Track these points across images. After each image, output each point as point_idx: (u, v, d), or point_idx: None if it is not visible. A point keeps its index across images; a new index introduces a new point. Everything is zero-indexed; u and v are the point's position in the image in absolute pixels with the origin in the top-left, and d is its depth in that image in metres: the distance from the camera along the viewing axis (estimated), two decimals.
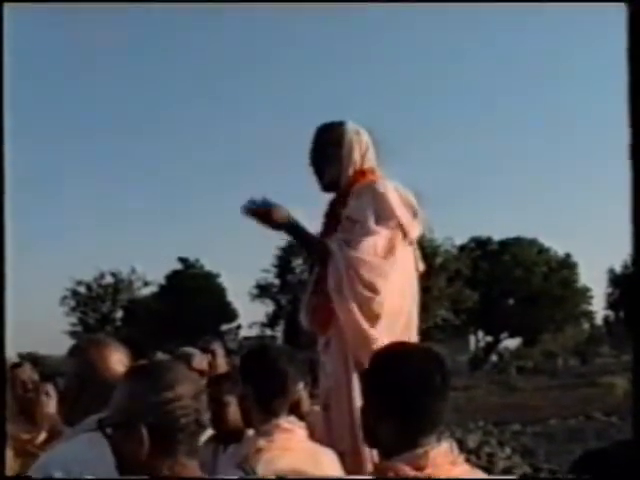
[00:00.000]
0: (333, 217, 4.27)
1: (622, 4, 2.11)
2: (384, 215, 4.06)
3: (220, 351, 5.89)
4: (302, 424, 3.27)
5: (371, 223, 4.03)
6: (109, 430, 2.22)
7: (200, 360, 5.60)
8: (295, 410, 3.48)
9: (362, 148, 4.28)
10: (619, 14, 2.08)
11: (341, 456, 3.47)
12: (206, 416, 2.31)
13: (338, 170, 4.25)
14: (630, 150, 1.94)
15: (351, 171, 4.25)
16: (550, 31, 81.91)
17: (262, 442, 3.09)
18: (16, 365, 4.34)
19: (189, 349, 5.75)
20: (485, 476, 2.72)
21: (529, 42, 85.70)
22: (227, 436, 4.01)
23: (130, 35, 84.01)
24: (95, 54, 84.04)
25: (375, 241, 4.02)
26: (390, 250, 4.05)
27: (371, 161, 4.31)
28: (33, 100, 75.14)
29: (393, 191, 4.13)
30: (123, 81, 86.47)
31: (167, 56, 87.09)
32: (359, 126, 4.35)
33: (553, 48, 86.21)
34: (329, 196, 4.36)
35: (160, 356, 5.79)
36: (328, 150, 4.25)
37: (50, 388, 4.23)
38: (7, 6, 2.50)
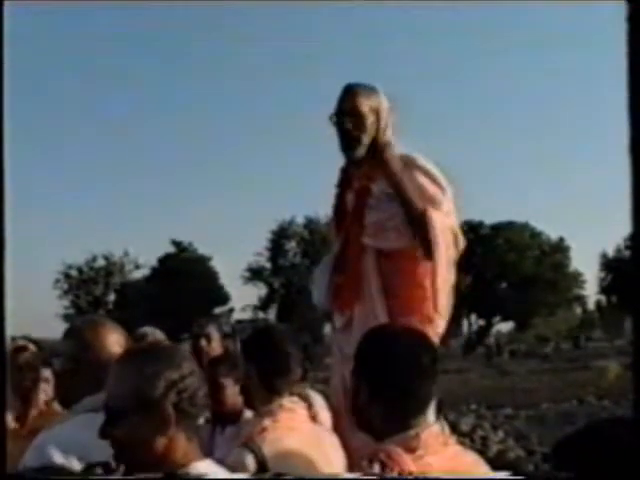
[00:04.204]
0: (354, 189, 4.16)
1: (622, 2, 2.10)
2: (440, 196, 4.00)
3: (215, 334, 5.85)
4: (304, 404, 3.28)
5: (436, 211, 3.95)
6: (117, 416, 2.17)
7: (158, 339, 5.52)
8: None
9: (391, 120, 4.13)
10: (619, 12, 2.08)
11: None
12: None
13: (373, 141, 4.06)
14: (630, 140, 1.94)
15: (381, 143, 4.08)
16: (551, 28, 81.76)
17: (267, 422, 3.09)
18: (18, 349, 4.30)
19: (147, 328, 5.69)
20: (477, 457, 2.72)
21: (533, 35, 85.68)
22: (224, 418, 4.02)
23: (130, 30, 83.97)
24: (95, 49, 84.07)
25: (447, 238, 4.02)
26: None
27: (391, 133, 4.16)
28: (33, 93, 74.99)
29: (437, 171, 4.05)
30: (123, 74, 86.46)
31: (166, 52, 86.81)
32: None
33: (553, 43, 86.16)
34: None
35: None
36: (369, 118, 4.03)
37: (48, 372, 4.21)
38: (7, 4, 2.48)
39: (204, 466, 2.20)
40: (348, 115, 4.02)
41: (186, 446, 2.17)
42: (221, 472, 2.29)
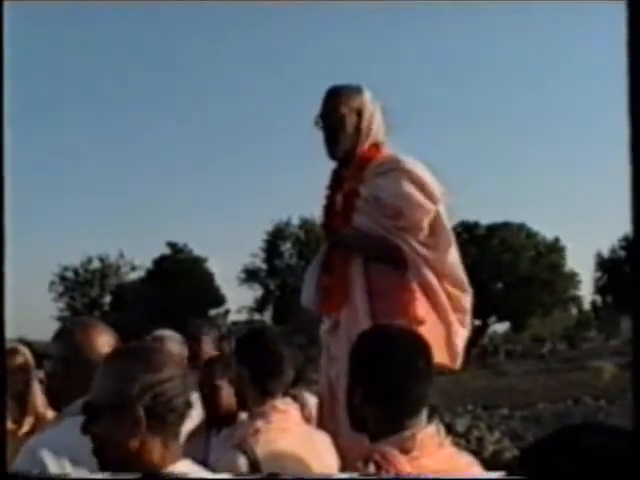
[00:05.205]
0: (343, 191, 4.12)
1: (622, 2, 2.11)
2: (428, 200, 3.94)
3: (211, 336, 5.83)
4: (297, 405, 3.29)
5: (424, 214, 3.92)
6: (95, 414, 2.20)
7: (172, 344, 5.52)
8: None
9: (379, 119, 4.12)
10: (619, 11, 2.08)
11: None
12: (192, 397, 2.30)
13: (355, 141, 4.07)
14: (630, 140, 1.94)
15: (367, 143, 4.09)
16: (552, 26, 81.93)
17: (259, 423, 3.10)
18: (8, 352, 4.29)
19: (164, 332, 5.69)
20: (472, 458, 2.73)
21: (529, 35, 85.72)
22: (219, 420, 4.01)
23: (130, 30, 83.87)
24: (94, 50, 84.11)
25: (448, 236, 4.01)
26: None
27: (382, 133, 4.16)
28: (32, 94, 74.90)
29: (426, 172, 4.00)
30: (121, 76, 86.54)
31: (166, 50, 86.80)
32: (371, 93, 4.15)
33: (553, 41, 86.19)
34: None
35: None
36: (348, 118, 4.04)
37: (41, 374, 4.21)
38: (7, 4, 2.48)
39: (181, 467, 2.20)
40: (328, 117, 4.06)
41: (162, 450, 2.17)
42: (201, 472, 2.30)
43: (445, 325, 3.94)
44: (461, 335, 4.03)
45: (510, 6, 66.70)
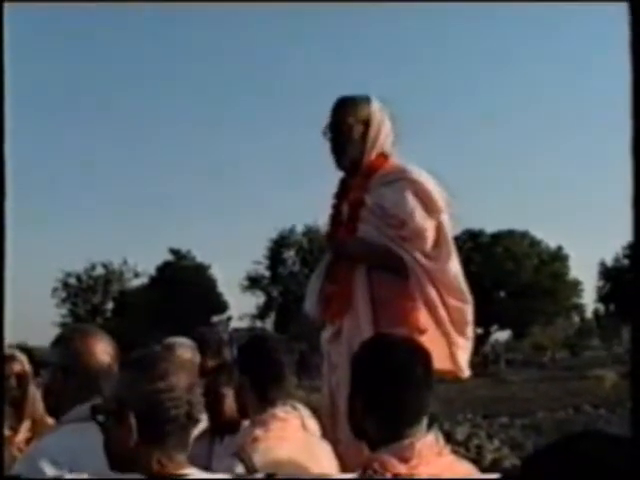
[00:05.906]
0: (349, 200, 4.14)
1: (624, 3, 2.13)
2: (432, 210, 3.95)
3: (214, 343, 5.81)
4: (297, 414, 3.28)
5: (428, 223, 3.93)
6: (101, 417, 2.24)
7: (183, 350, 5.50)
8: None
9: (387, 129, 4.12)
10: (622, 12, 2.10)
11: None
12: (200, 409, 2.31)
13: (362, 151, 4.07)
14: (632, 148, 1.96)
15: (374, 153, 4.10)
16: (555, 30, 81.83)
17: (258, 432, 3.10)
18: (9, 358, 4.30)
19: (176, 339, 5.66)
20: (471, 466, 2.75)
21: (534, 40, 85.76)
22: (223, 428, 4.02)
23: (130, 29, 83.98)
24: (96, 49, 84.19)
25: (449, 247, 4.01)
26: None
27: (389, 142, 4.17)
28: (34, 98, 75.00)
29: (431, 181, 4.00)
30: (121, 75, 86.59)
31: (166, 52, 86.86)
32: (380, 102, 4.16)
33: (557, 48, 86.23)
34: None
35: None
36: (355, 128, 4.06)
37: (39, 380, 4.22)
38: (7, 5, 2.50)
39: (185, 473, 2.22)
40: (336, 127, 4.08)
41: (161, 459, 2.18)
42: (205, 475, 2.33)
43: (444, 336, 3.95)
44: (461, 346, 4.03)
45: (512, 9, 66.80)
